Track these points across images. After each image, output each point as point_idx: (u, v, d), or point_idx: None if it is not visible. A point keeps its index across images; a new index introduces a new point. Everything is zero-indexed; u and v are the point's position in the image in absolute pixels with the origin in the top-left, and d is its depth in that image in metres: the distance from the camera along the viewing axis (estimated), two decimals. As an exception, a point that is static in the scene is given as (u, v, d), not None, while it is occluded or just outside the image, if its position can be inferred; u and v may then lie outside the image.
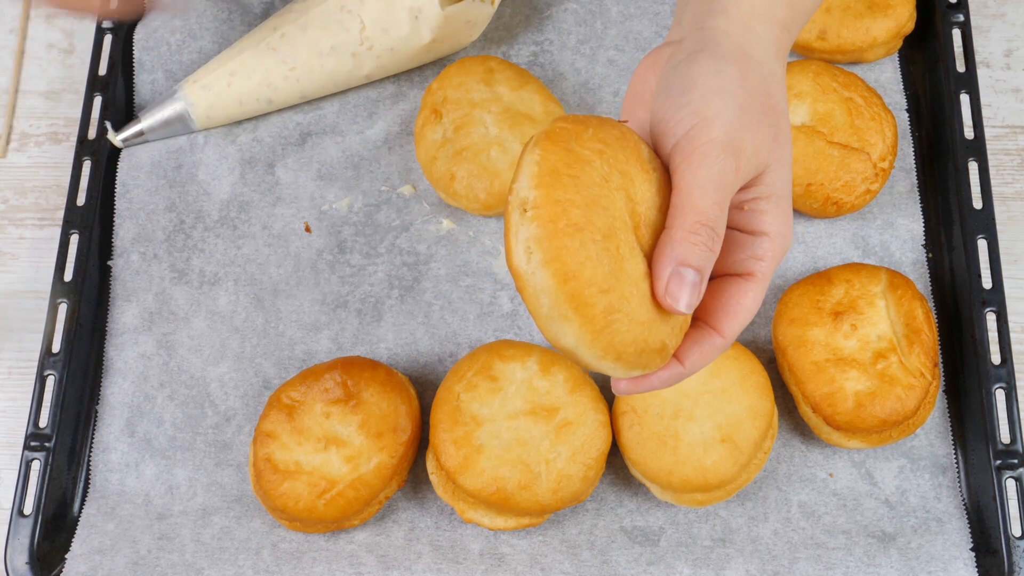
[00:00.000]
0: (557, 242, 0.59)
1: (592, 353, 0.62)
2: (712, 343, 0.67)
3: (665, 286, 0.63)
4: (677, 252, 0.63)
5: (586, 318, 0.60)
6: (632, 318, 0.62)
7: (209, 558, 0.99)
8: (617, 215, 0.62)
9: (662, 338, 0.64)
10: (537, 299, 0.60)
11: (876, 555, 0.96)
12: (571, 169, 0.61)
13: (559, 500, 0.94)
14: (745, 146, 0.65)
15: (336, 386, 0.99)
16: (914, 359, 0.96)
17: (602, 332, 0.61)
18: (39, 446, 1.03)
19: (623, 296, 0.61)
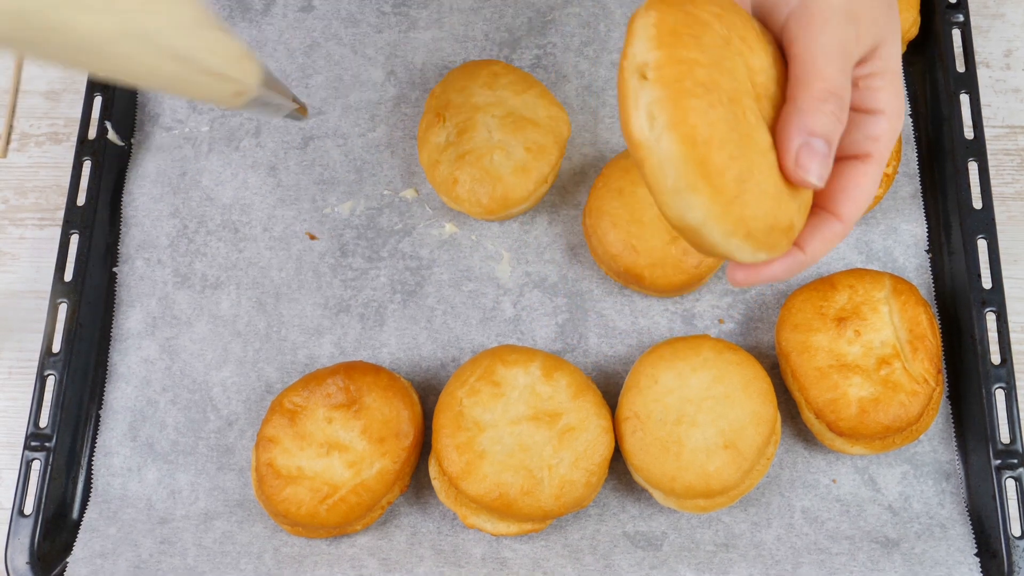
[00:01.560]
0: (684, 103, 0.55)
1: (721, 228, 0.58)
2: (832, 229, 0.65)
3: (795, 157, 0.61)
4: (806, 121, 0.61)
5: (716, 187, 0.56)
6: (763, 190, 0.59)
7: (211, 562, 0.99)
8: (741, 80, 0.59)
9: (790, 216, 0.61)
10: (661, 170, 0.56)
11: (880, 561, 0.96)
12: (692, 29, 0.57)
13: (562, 506, 0.94)
14: (863, 14, 0.63)
15: (338, 391, 0.98)
16: (917, 365, 0.96)
17: (733, 203, 0.57)
18: (39, 446, 1.03)
19: (753, 165, 0.58)
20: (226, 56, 0.69)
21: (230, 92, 0.72)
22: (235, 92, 0.72)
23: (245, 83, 0.72)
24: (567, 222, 1.10)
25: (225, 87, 0.71)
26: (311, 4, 1.20)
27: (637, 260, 1.01)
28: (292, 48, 1.19)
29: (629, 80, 0.57)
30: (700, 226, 0.58)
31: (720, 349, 0.98)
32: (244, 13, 1.20)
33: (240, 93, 0.73)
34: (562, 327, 1.06)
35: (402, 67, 1.17)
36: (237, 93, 0.72)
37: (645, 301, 1.07)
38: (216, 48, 0.68)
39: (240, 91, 0.73)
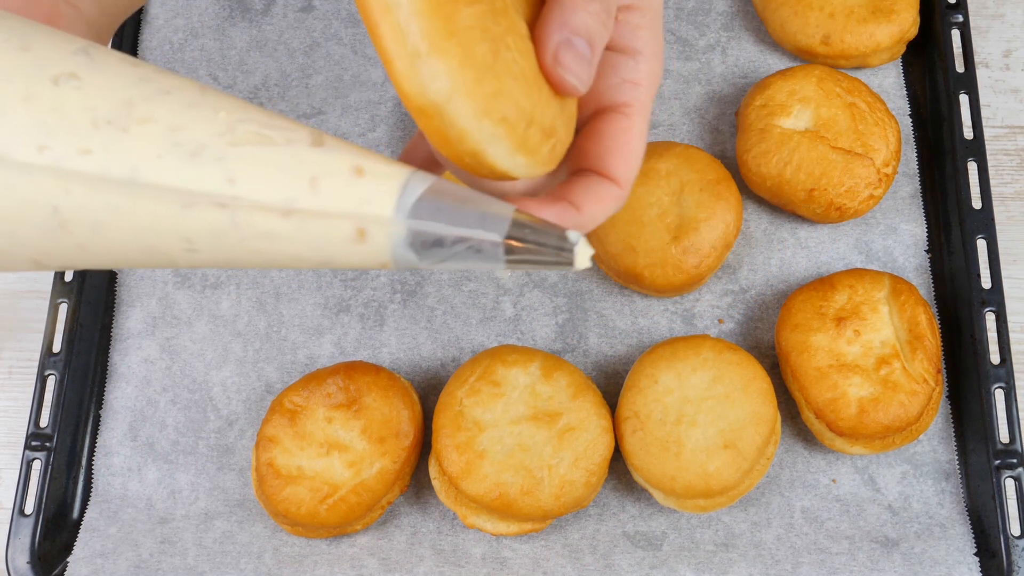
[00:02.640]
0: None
1: (472, 105, 0.49)
2: (608, 190, 0.59)
3: (554, 53, 0.54)
4: (568, 17, 0.54)
5: (467, 50, 0.48)
6: (520, 70, 0.51)
7: (211, 562, 0.99)
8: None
9: (552, 118, 0.54)
10: (402, 29, 0.48)
11: (879, 560, 0.96)
12: None
13: (562, 506, 0.94)
14: None
15: (338, 391, 0.98)
16: (917, 365, 0.96)
17: (485, 74, 0.49)
18: (40, 446, 1.03)
19: (509, 39, 0.51)
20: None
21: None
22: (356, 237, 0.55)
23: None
24: (567, 222, 1.10)
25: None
26: (311, 4, 1.20)
27: (637, 260, 1.01)
28: (292, 48, 1.19)
29: None
30: (446, 102, 0.49)
31: (720, 349, 0.98)
32: (244, 13, 1.20)
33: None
34: (562, 327, 1.06)
35: (402, 67, 1.17)
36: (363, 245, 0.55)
37: (645, 301, 1.07)
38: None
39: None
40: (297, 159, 0.51)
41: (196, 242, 0.52)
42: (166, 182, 0.50)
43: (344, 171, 0.51)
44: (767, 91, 1.07)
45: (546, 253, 0.51)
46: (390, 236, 0.51)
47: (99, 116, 0.51)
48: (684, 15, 1.18)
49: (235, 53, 1.19)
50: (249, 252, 0.52)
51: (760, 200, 1.10)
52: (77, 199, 0.50)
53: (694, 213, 1.02)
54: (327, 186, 0.51)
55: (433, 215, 0.50)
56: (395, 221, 0.50)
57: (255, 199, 0.51)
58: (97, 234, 0.52)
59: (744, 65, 1.15)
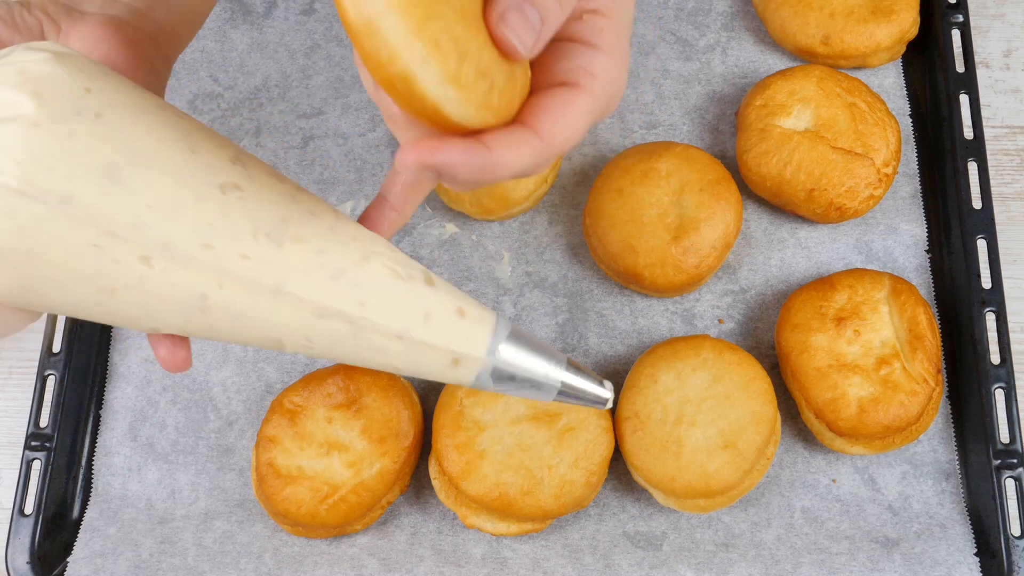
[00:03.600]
0: None
1: (404, 23, 0.48)
2: (525, 138, 0.58)
3: (502, 13, 0.55)
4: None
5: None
6: (463, 7, 0.51)
7: (211, 562, 0.99)
8: None
9: (489, 60, 0.54)
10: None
11: (879, 560, 0.96)
12: None
13: (562, 506, 0.94)
14: None
15: (338, 391, 0.98)
16: (917, 365, 0.96)
17: (432, 12, 0.49)
18: (40, 446, 1.03)
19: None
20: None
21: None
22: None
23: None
24: (567, 222, 1.10)
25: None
26: (312, 7, 1.21)
27: (637, 260, 1.01)
28: (293, 50, 1.19)
29: None
30: (379, 17, 0.48)
31: (720, 349, 0.98)
32: (246, 16, 1.21)
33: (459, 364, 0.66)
34: (562, 327, 1.06)
35: (402, 68, 1.17)
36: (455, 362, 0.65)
37: (645, 301, 1.07)
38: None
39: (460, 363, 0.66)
40: (415, 294, 0.63)
41: (315, 341, 0.63)
42: (309, 296, 0.61)
43: (450, 311, 0.64)
44: (767, 91, 1.07)
45: (587, 397, 0.67)
46: (477, 370, 0.64)
47: (259, 229, 0.61)
48: (684, 15, 1.18)
49: (236, 55, 1.19)
50: (356, 357, 0.64)
51: (760, 200, 1.10)
52: (227, 294, 0.60)
53: (694, 213, 1.02)
54: (436, 322, 0.63)
55: (512, 358, 0.65)
56: (485, 360, 0.64)
57: (379, 323, 0.62)
58: (232, 322, 0.62)
59: (744, 65, 1.15)
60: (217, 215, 0.59)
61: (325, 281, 0.62)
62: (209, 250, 0.59)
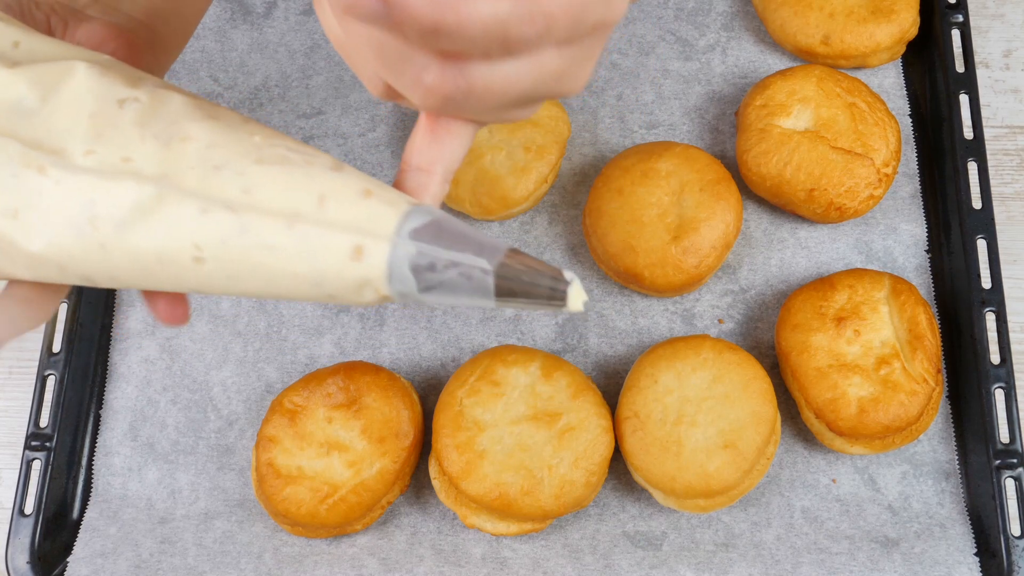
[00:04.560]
0: None
1: None
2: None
3: None
4: None
5: None
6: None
7: (211, 562, 0.99)
8: None
9: None
10: None
11: (879, 560, 0.96)
12: None
13: (562, 506, 0.94)
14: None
15: (338, 391, 0.99)
16: (917, 365, 0.96)
17: None
18: (40, 446, 1.03)
19: None
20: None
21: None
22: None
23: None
24: (567, 222, 1.10)
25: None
26: (312, 7, 1.21)
27: (637, 260, 1.01)
28: (293, 50, 1.19)
29: None
30: None
31: (720, 349, 0.98)
32: (245, 16, 1.21)
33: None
34: (562, 327, 1.06)
35: (402, 68, 1.17)
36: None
37: (645, 301, 1.07)
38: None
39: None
40: (311, 178, 0.56)
41: (205, 249, 0.56)
42: (190, 187, 0.56)
43: (353, 193, 0.55)
44: (767, 91, 1.07)
45: (537, 290, 0.54)
46: (385, 254, 0.54)
47: (147, 132, 0.58)
48: (684, 15, 1.18)
49: (236, 55, 1.19)
50: (251, 266, 0.56)
51: (760, 200, 1.10)
52: (111, 197, 0.57)
53: (694, 213, 1.02)
54: (333, 203, 0.55)
55: (430, 240, 0.54)
56: (392, 240, 0.54)
57: (265, 208, 0.55)
58: (120, 233, 0.57)
59: (744, 65, 1.15)
60: (107, 125, 0.58)
61: (208, 172, 0.57)
62: (92, 155, 0.57)
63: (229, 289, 0.58)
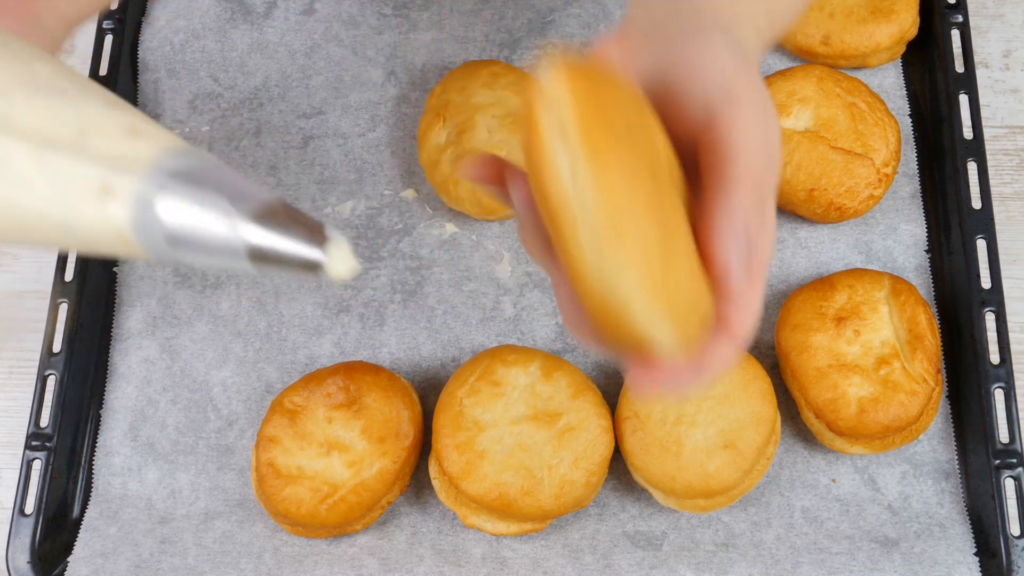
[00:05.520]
0: (608, 159, 0.48)
1: (649, 305, 0.51)
2: (727, 345, 0.61)
3: (725, 264, 0.57)
4: (738, 221, 0.57)
5: (646, 254, 0.50)
6: (685, 267, 0.54)
7: (211, 562, 0.99)
8: (656, 154, 0.54)
9: (707, 305, 0.57)
10: (586, 231, 0.49)
11: (879, 560, 0.96)
12: (605, 94, 0.51)
13: (562, 506, 0.94)
14: (770, 110, 0.61)
15: (338, 391, 0.99)
16: (917, 365, 0.96)
17: (666, 280, 0.52)
18: (40, 446, 1.03)
19: (676, 238, 0.53)
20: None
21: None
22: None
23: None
24: (567, 222, 1.10)
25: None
26: (312, 7, 1.21)
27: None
28: (293, 50, 1.19)
29: (547, 135, 0.49)
30: (621, 293, 0.51)
31: (720, 349, 0.98)
32: (245, 16, 1.21)
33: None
34: (562, 327, 1.06)
35: (402, 68, 1.18)
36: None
37: (645, 301, 1.07)
38: None
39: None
40: (77, 111, 0.49)
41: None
42: None
43: (118, 130, 0.49)
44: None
45: (290, 249, 0.48)
46: (131, 196, 0.47)
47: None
48: (684, 15, 1.18)
49: (236, 55, 1.19)
50: (3, 203, 0.49)
51: (760, 200, 1.09)
52: None
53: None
54: (92, 138, 0.48)
55: (185, 183, 0.47)
56: (141, 180, 0.47)
57: (21, 133, 0.48)
58: None
59: (744, 65, 1.15)
60: None
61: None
62: None
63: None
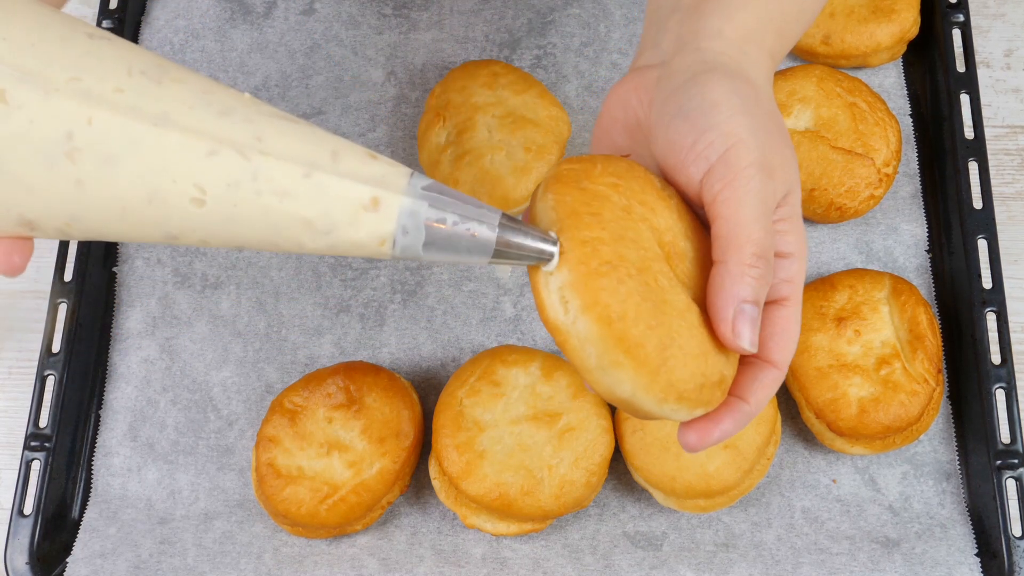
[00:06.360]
0: (593, 284, 0.56)
1: (652, 397, 0.58)
2: (769, 375, 0.64)
3: (732, 327, 0.61)
4: (738, 290, 0.61)
5: (640, 360, 0.57)
6: (686, 352, 0.59)
7: (211, 562, 0.99)
8: (647, 247, 0.60)
9: (720, 369, 0.61)
10: (584, 350, 0.57)
11: (880, 561, 0.96)
12: (590, 207, 0.58)
13: (562, 506, 0.94)
14: (776, 165, 0.63)
15: (339, 391, 0.98)
16: (917, 365, 0.96)
17: (659, 372, 0.58)
18: (39, 446, 1.02)
19: (673, 330, 0.58)
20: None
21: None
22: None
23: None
24: (567, 222, 1.10)
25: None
26: (312, 7, 1.21)
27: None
28: (293, 50, 1.19)
29: (547, 298, 0.58)
30: (631, 398, 0.58)
31: (720, 349, 0.98)
32: (246, 16, 1.21)
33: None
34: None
35: (402, 68, 1.18)
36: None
37: (645, 301, 1.07)
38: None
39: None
40: (318, 136, 0.56)
41: (208, 191, 0.54)
42: (196, 127, 0.53)
43: (361, 152, 0.57)
44: (767, 91, 1.07)
45: (528, 249, 0.58)
46: (400, 207, 0.56)
47: (134, 67, 0.54)
48: (684, 15, 1.18)
49: (236, 55, 1.19)
50: (257, 210, 0.55)
51: (760, 200, 1.09)
52: (97, 128, 0.52)
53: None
54: (347, 159, 0.56)
55: (438, 196, 0.57)
56: (407, 193, 0.56)
57: (281, 156, 0.55)
58: (105, 169, 0.53)
59: (744, 65, 1.15)
60: (84, 53, 0.54)
61: (213, 116, 0.55)
62: (76, 82, 0.53)
63: (219, 233, 0.57)
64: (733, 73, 0.66)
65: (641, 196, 0.61)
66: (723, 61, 0.66)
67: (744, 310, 0.61)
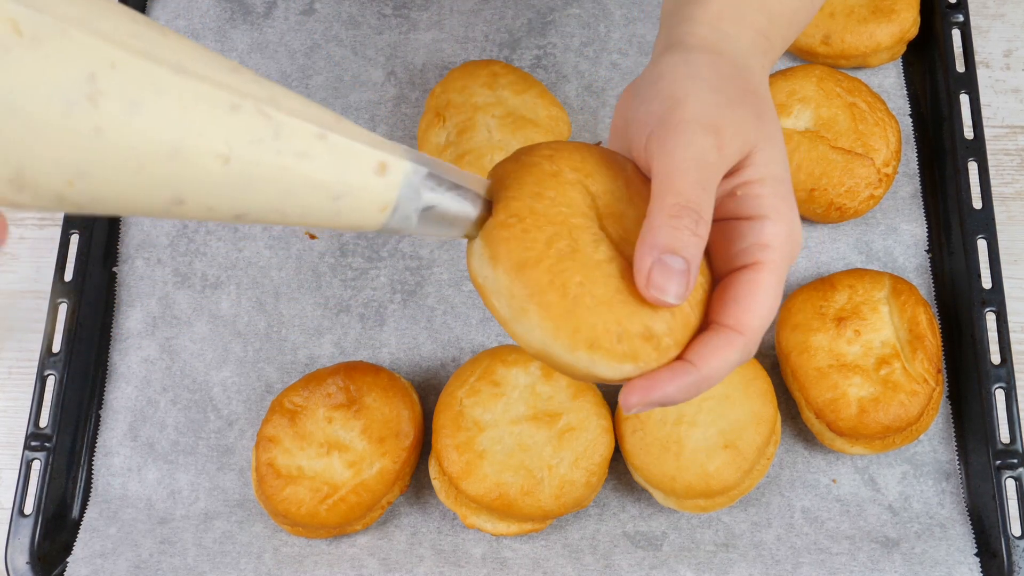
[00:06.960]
0: (498, 234, 0.58)
1: (562, 344, 0.57)
2: (727, 340, 0.61)
3: (647, 276, 0.58)
4: (659, 239, 0.58)
5: (544, 304, 0.57)
6: (596, 298, 0.58)
7: (211, 562, 0.99)
8: (570, 204, 0.60)
9: (644, 322, 0.59)
10: (498, 302, 0.58)
11: (880, 560, 0.96)
12: (517, 174, 0.60)
13: (562, 506, 0.94)
14: (725, 124, 0.61)
15: (338, 391, 0.98)
16: (917, 365, 0.96)
17: (566, 317, 0.57)
18: (39, 446, 1.03)
19: (583, 276, 0.58)
20: None
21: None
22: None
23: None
24: (567, 222, 1.10)
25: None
26: (312, 7, 1.21)
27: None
28: (293, 50, 1.19)
29: (474, 263, 0.60)
30: (544, 347, 0.58)
31: (720, 349, 0.98)
32: (246, 16, 1.21)
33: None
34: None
35: (402, 68, 1.18)
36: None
37: (645, 301, 1.07)
38: None
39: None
40: (318, 106, 0.56)
41: (233, 147, 0.52)
42: (216, 79, 0.51)
43: (360, 127, 0.57)
44: (767, 91, 1.07)
45: (459, 215, 0.59)
46: (404, 172, 0.57)
47: (138, 19, 0.50)
48: (684, 15, 1.18)
49: (236, 55, 1.19)
50: (275, 171, 0.54)
51: (760, 200, 1.09)
52: (121, 71, 0.48)
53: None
54: (350, 126, 0.56)
55: (433, 161, 0.58)
56: (410, 163, 0.57)
57: (297, 115, 0.54)
58: (130, 116, 0.48)
59: (744, 65, 1.15)
60: (90, 0, 0.49)
61: (226, 71, 0.52)
62: (91, 23, 0.48)
63: (230, 198, 0.54)
64: (693, 47, 0.65)
65: (578, 164, 0.62)
66: (690, 42, 0.66)
67: (664, 260, 0.58)
